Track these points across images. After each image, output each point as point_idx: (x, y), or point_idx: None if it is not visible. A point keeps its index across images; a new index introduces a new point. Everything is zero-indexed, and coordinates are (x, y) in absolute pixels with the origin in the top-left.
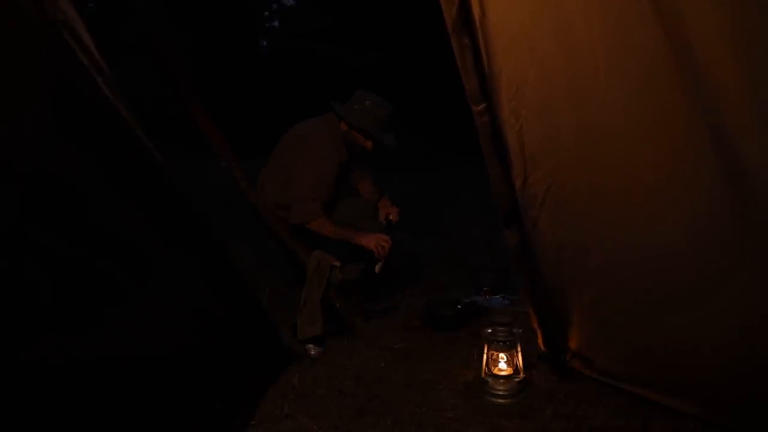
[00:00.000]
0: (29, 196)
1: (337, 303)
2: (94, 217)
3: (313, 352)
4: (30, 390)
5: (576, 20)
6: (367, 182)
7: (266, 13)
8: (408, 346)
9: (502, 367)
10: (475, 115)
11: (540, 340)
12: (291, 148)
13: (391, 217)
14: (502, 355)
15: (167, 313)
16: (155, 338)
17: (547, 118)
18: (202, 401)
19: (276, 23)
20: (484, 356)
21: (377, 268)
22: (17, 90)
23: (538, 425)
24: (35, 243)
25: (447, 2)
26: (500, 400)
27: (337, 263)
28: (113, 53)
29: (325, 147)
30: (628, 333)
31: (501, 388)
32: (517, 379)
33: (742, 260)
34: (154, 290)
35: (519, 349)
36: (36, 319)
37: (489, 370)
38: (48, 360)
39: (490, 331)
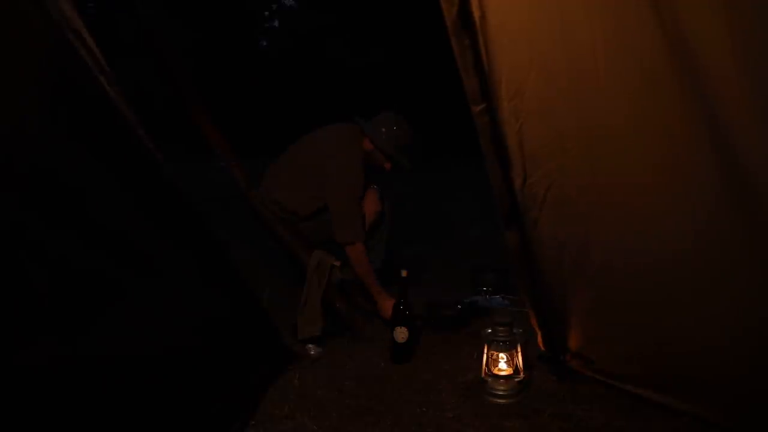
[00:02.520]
0: (29, 196)
1: (337, 303)
2: (95, 217)
3: (313, 352)
4: (30, 390)
5: (576, 21)
6: (372, 195)
7: (266, 13)
8: None
9: (502, 367)
10: (475, 116)
11: (540, 340)
12: (316, 161)
13: (403, 274)
14: (502, 355)
15: (167, 313)
16: (155, 338)
17: (547, 119)
18: (202, 401)
19: (276, 23)
20: (484, 356)
21: (398, 337)
22: (18, 90)
23: (538, 425)
24: (35, 243)
25: (447, 3)
26: (500, 400)
27: (337, 263)
28: (113, 53)
29: (356, 165)
30: (628, 333)
31: (501, 388)
32: (517, 379)
33: (743, 260)
34: (154, 290)
35: (519, 349)
36: (36, 320)
37: (489, 370)
38: (48, 360)
39: (490, 331)
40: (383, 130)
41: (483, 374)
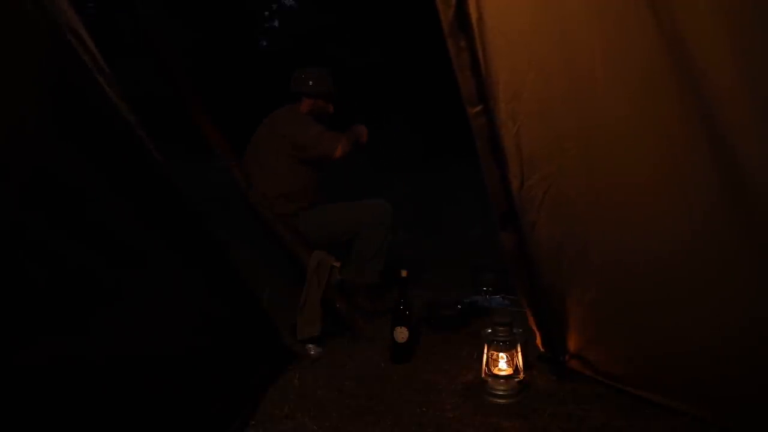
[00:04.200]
0: (29, 196)
1: (337, 303)
2: (95, 217)
3: (313, 352)
4: (30, 390)
5: (574, 23)
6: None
7: (266, 13)
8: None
9: (502, 367)
10: (472, 117)
11: (539, 341)
12: (267, 138)
13: (403, 274)
14: (502, 355)
15: (167, 314)
16: (155, 338)
17: (545, 121)
18: (202, 401)
19: (276, 23)
20: (484, 356)
21: (398, 337)
22: (18, 90)
23: (538, 425)
24: (35, 243)
25: (443, 4)
26: (500, 400)
27: (337, 264)
28: (113, 53)
29: (307, 120)
30: (627, 333)
31: (501, 388)
32: (517, 379)
33: (740, 260)
34: (154, 290)
35: (519, 349)
36: (36, 320)
37: (489, 370)
38: (48, 360)
39: (490, 331)
40: (310, 82)
41: (483, 374)
